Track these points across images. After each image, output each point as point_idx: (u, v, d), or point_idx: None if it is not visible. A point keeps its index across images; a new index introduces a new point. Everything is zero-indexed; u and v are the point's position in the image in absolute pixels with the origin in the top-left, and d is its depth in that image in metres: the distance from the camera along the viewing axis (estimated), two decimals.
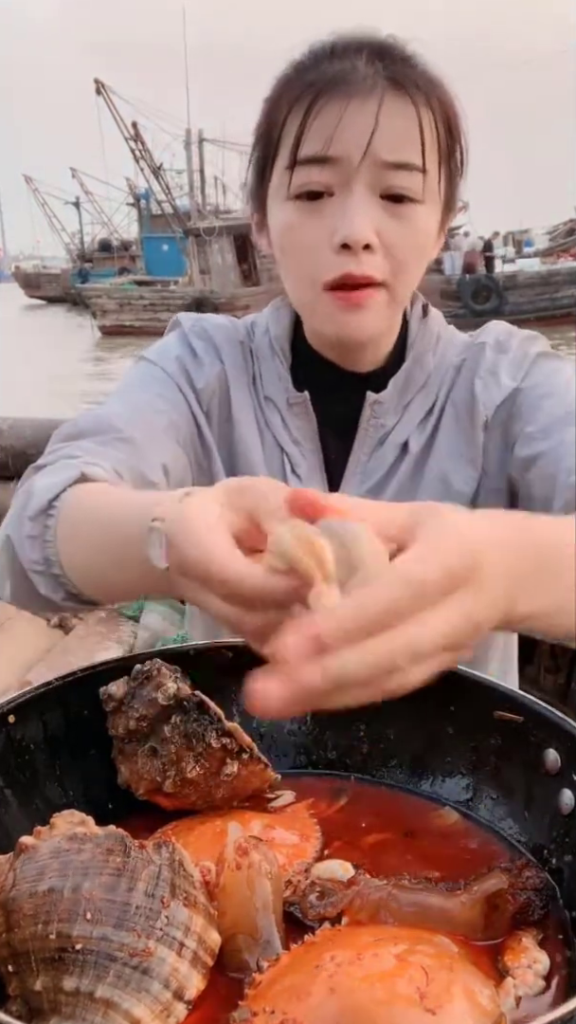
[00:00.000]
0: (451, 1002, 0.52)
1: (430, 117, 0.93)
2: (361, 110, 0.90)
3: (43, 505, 0.86)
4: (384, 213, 0.93)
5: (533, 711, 0.71)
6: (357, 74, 0.91)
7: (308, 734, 0.84)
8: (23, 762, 0.73)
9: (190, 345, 1.12)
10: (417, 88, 0.92)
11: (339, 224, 0.92)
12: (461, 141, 0.98)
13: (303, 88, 0.93)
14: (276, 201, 0.98)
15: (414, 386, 1.08)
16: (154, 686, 0.74)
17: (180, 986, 0.56)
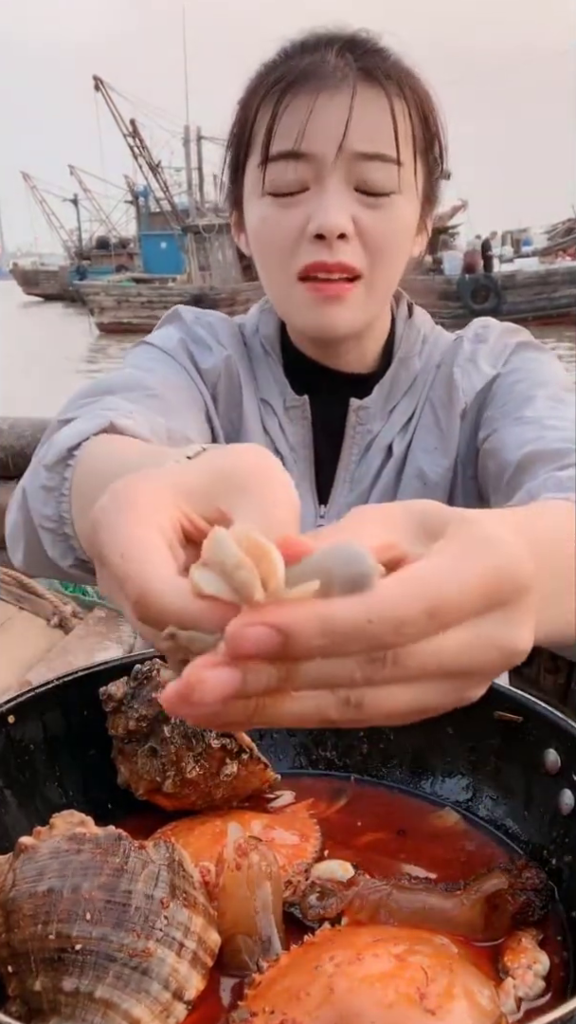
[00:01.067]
0: (451, 1003, 0.52)
1: (403, 107, 0.92)
2: (331, 102, 0.89)
3: (62, 454, 0.79)
4: (359, 204, 0.92)
5: (533, 711, 0.72)
6: (327, 67, 0.90)
7: (308, 734, 0.84)
8: (23, 762, 0.73)
9: (193, 332, 1.10)
10: (388, 78, 0.91)
11: (314, 214, 0.91)
12: (438, 133, 0.97)
13: (272, 84, 0.92)
14: (251, 199, 0.97)
15: (399, 390, 1.07)
16: (154, 686, 0.74)
17: (180, 986, 0.56)
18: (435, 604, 0.38)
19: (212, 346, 1.08)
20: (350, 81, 0.90)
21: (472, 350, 1.05)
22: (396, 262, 0.98)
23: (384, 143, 0.91)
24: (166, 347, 1.06)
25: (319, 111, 0.89)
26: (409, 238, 0.98)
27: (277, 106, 0.91)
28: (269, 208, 0.94)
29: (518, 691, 0.74)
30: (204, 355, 1.07)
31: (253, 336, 1.12)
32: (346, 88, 0.89)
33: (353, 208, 0.92)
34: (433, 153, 0.98)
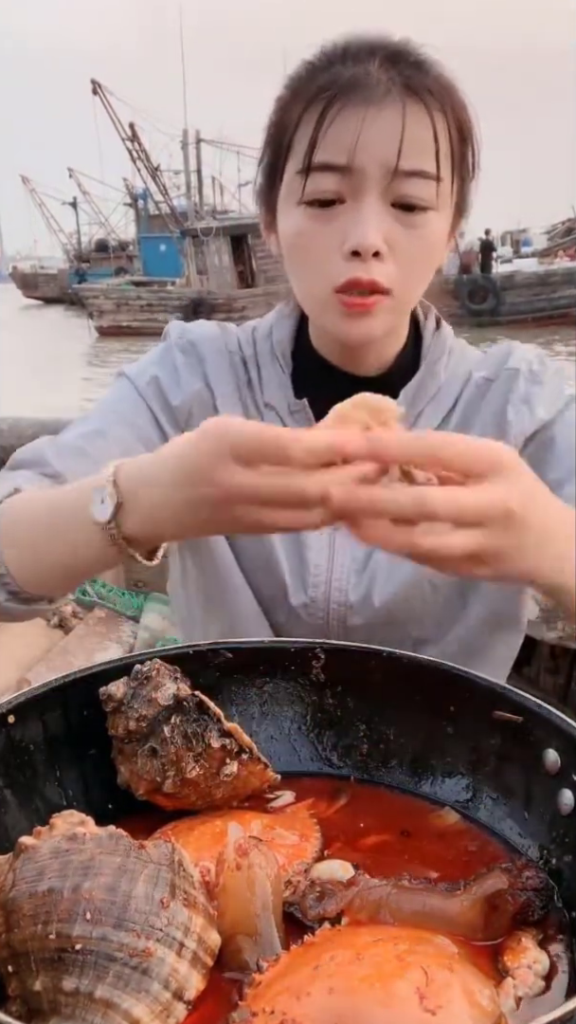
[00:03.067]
0: (451, 1002, 0.52)
1: (444, 123, 0.93)
2: (378, 119, 0.89)
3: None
4: (395, 221, 0.93)
5: (533, 711, 0.72)
6: (371, 79, 0.90)
7: (308, 734, 0.84)
8: (23, 762, 0.73)
9: (172, 361, 1.12)
10: (431, 94, 0.92)
11: (350, 231, 0.92)
12: (473, 144, 0.98)
13: (316, 91, 0.92)
14: (287, 204, 0.98)
15: (425, 396, 1.08)
16: (154, 686, 0.74)
17: (180, 986, 0.56)
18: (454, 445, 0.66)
19: (184, 379, 1.11)
20: (395, 96, 0.90)
21: (527, 391, 1.06)
22: (425, 277, 1.00)
23: (426, 160, 0.91)
24: (139, 384, 1.11)
25: (367, 128, 0.89)
26: (440, 252, 1.00)
27: (323, 116, 0.91)
28: (305, 219, 0.95)
29: (518, 691, 0.74)
30: (175, 392, 1.10)
31: (265, 339, 1.13)
32: (392, 103, 0.90)
33: (388, 224, 0.93)
34: (467, 163, 0.98)
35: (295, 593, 1.08)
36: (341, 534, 1.07)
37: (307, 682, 0.85)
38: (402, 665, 0.81)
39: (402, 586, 1.06)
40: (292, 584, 1.08)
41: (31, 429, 3.22)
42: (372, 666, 0.82)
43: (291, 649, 0.85)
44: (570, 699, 2.24)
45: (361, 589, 1.07)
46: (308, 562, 1.08)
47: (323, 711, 0.84)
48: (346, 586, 1.07)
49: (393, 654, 0.82)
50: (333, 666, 0.84)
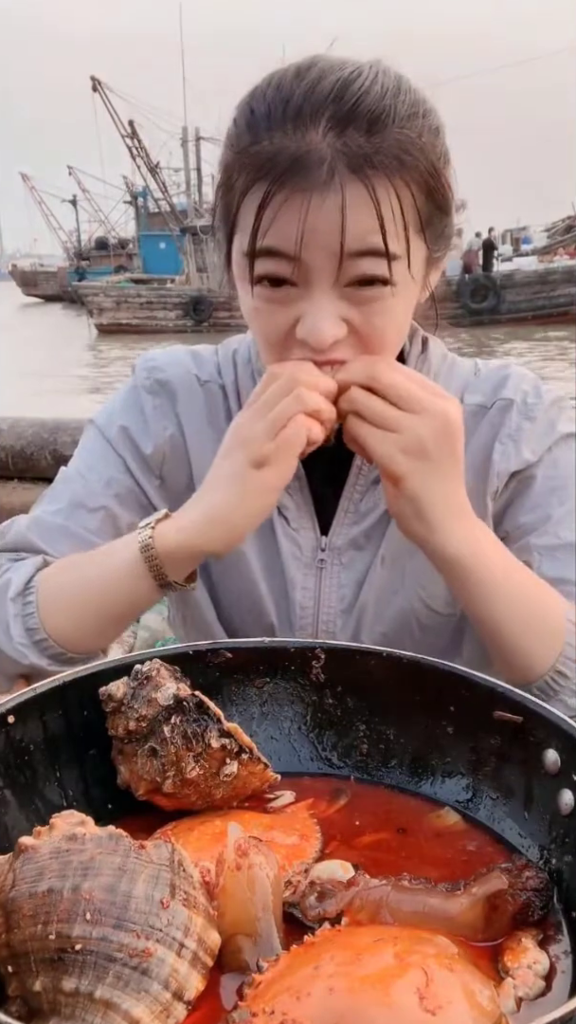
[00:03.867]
0: (451, 1003, 0.52)
1: (392, 198, 0.86)
2: (322, 207, 0.84)
3: (21, 588, 1.02)
4: (350, 303, 0.89)
5: (533, 711, 0.72)
6: (312, 158, 0.84)
7: (308, 734, 0.85)
8: (23, 762, 0.73)
9: (140, 407, 1.11)
10: (377, 169, 0.85)
11: (303, 319, 0.89)
12: (443, 190, 0.92)
13: (258, 168, 0.87)
14: (239, 279, 0.96)
15: None
16: (154, 686, 0.74)
17: (180, 986, 0.56)
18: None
19: (153, 426, 1.10)
20: (337, 181, 0.84)
21: (518, 426, 1.04)
22: (394, 345, 0.97)
23: (376, 238, 0.86)
24: (108, 436, 1.12)
25: (310, 218, 0.84)
26: (406, 321, 0.97)
27: (263, 204, 0.86)
28: (259, 300, 0.92)
29: (518, 691, 0.74)
30: (145, 440, 1.10)
31: (246, 365, 1.11)
32: (334, 190, 0.84)
33: (343, 308, 0.89)
34: (438, 212, 0.93)
35: (282, 634, 1.08)
36: (327, 575, 1.07)
37: (307, 682, 0.85)
38: (402, 665, 0.81)
39: (390, 627, 1.06)
40: (279, 626, 1.08)
41: (31, 429, 3.23)
42: (372, 666, 0.82)
43: (291, 649, 0.85)
44: None
45: (348, 630, 1.07)
46: (294, 603, 1.07)
47: (323, 711, 0.84)
48: (333, 628, 1.07)
49: (393, 654, 0.82)
50: (333, 666, 0.84)
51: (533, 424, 1.04)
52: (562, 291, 22.73)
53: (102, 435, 1.12)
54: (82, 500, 1.09)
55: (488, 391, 1.07)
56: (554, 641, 0.92)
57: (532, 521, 1.04)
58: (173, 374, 1.12)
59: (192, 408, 1.11)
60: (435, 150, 0.90)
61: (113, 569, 0.96)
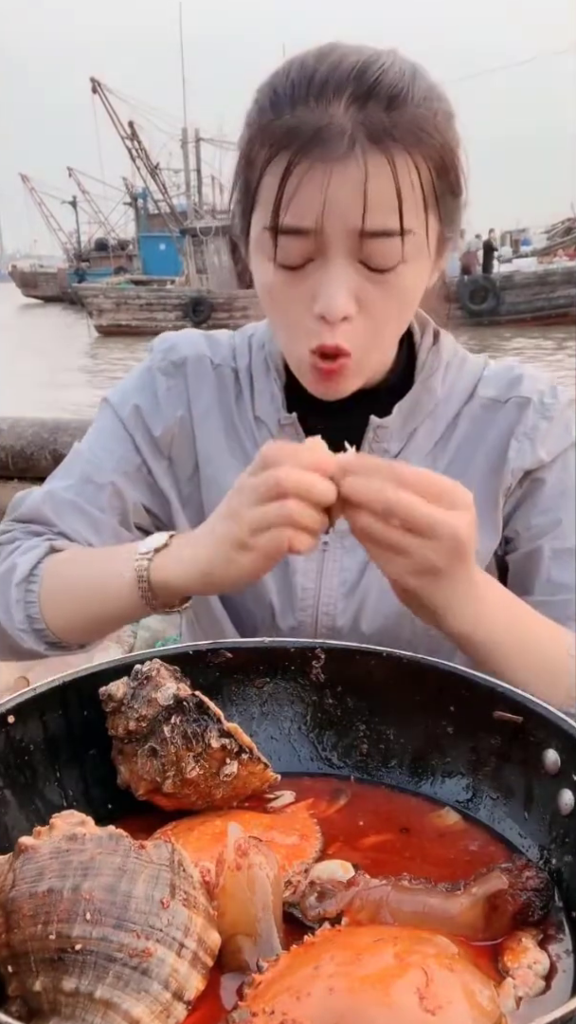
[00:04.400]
0: (451, 1003, 0.52)
1: (412, 170, 0.88)
2: (342, 181, 0.86)
3: (26, 575, 1.04)
4: (365, 279, 0.91)
5: (533, 711, 0.72)
6: (334, 129, 0.86)
7: (308, 734, 0.85)
8: (23, 762, 0.73)
9: (154, 388, 1.13)
10: (397, 141, 0.87)
11: (318, 294, 0.91)
12: (458, 177, 0.94)
13: (280, 138, 0.88)
14: (257, 255, 0.96)
15: (421, 413, 1.07)
16: (154, 686, 0.74)
17: (180, 986, 0.56)
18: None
19: (165, 408, 1.12)
20: (358, 151, 0.86)
21: (534, 425, 1.05)
22: (401, 326, 0.99)
23: (390, 217, 0.88)
24: (121, 414, 1.13)
25: (331, 191, 0.86)
26: (417, 297, 0.98)
27: (286, 174, 0.87)
28: (276, 278, 0.94)
29: (518, 691, 0.74)
30: (156, 421, 1.12)
31: (260, 350, 1.12)
32: (355, 161, 0.86)
33: (357, 283, 0.91)
34: (451, 193, 0.94)
35: (283, 616, 1.08)
36: (330, 558, 1.07)
37: (307, 682, 0.85)
38: (402, 665, 0.81)
39: (393, 613, 1.05)
40: (280, 607, 1.08)
41: (31, 429, 3.23)
42: (372, 666, 0.82)
43: (291, 649, 0.85)
44: None
45: (349, 615, 1.07)
46: (296, 585, 1.08)
47: (323, 711, 0.84)
48: (334, 611, 1.07)
49: (393, 654, 0.82)
50: (333, 666, 0.84)
51: (550, 424, 1.05)
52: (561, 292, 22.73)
53: (115, 413, 1.14)
54: (91, 476, 1.11)
55: (502, 387, 1.08)
56: (562, 682, 0.92)
57: (543, 524, 1.04)
58: (187, 355, 1.14)
59: (202, 390, 1.12)
60: (449, 132, 0.92)
61: (112, 576, 0.96)
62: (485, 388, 1.08)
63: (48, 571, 1.04)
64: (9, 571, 1.06)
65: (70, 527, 1.10)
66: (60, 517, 1.10)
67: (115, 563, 0.97)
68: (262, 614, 1.09)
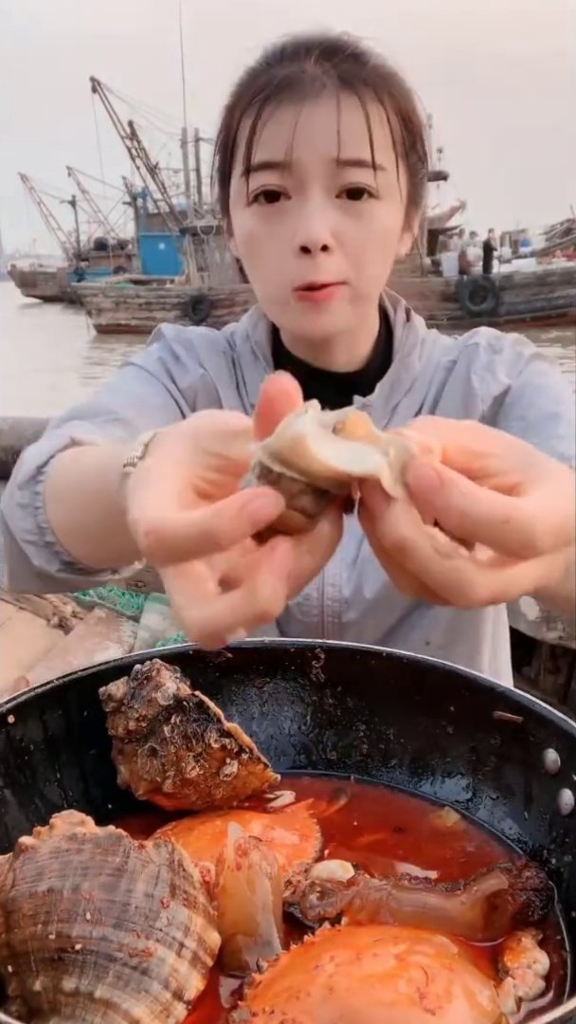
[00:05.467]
0: (451, 1003, 0.52)
1: (380, 112, 0.94)
2: (312, 113, 0.91)
3: (31, 472, 0.88)
4: (342, 213, 0.94)
5: (533, 711, 0.71)
6: (306, 76, 0.92)
7: (308, 734, 0.85)
8: (23, 762, 0.73)
9: (172, 351, 1.14)
10: (365, 84, 0.93)
11: (298, 227, 0.93)
12: (421, 133, 0.99)
13: (254, 94, 0.94)
14: (237, 208, 1.00)
15: (401, 389, 1.09)
16: (154, 686, 0.74)
17: (179, 986, 0.56)
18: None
19: (188, 365, 1.12)
20: (330, 90, 0.92)
21: (488, 359, 1.08)
22: (380, 267, 1.01)
23: (364, 149, 0.93)
24: (148, 367, 1.11)
25: (301, 122, 0.91)
26: (392, 242, 1.01)
27: (258, 117, 0.93)
28: (254, 220, 0.97)
29: (518, 691, 0.74)
30: (181, 374, 1.11)
31: (244, 342, 1.14)
32: (327, 97, 0.91)
33: (335, 217, 0.94)
34: (416, 153, 0.99)
35: None
36: None
37: (307, 682, 0.85)
38: (402, 665, 0.81)
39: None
40: None
41: (31, 429, 3.23)
42: (372, 666, 0.82)
43: (291, 649, 0.85)
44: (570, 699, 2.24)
45: (353, 582, 1.07)
46: None
47: (323, 711, 0.84)
48: (339, 581, 1.07)
49: (393, 654, 0.82)
50: (333, 666, 0.84)
51: (501, 356, 1.08)
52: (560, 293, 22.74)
53: (142, 368, 1.11)
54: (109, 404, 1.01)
55: (459, 347, 1.12)
56: None
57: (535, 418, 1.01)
58: (197, 336, 1.16)
59: (216, 365, 1.13)
60: (413, 96, 0.98)
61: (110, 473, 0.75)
62: (447, 355, 1.11)
63: (58, 467, 0.87)
64: (20, 463, 0.91)
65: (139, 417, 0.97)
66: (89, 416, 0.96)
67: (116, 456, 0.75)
68: None
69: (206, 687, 0.78)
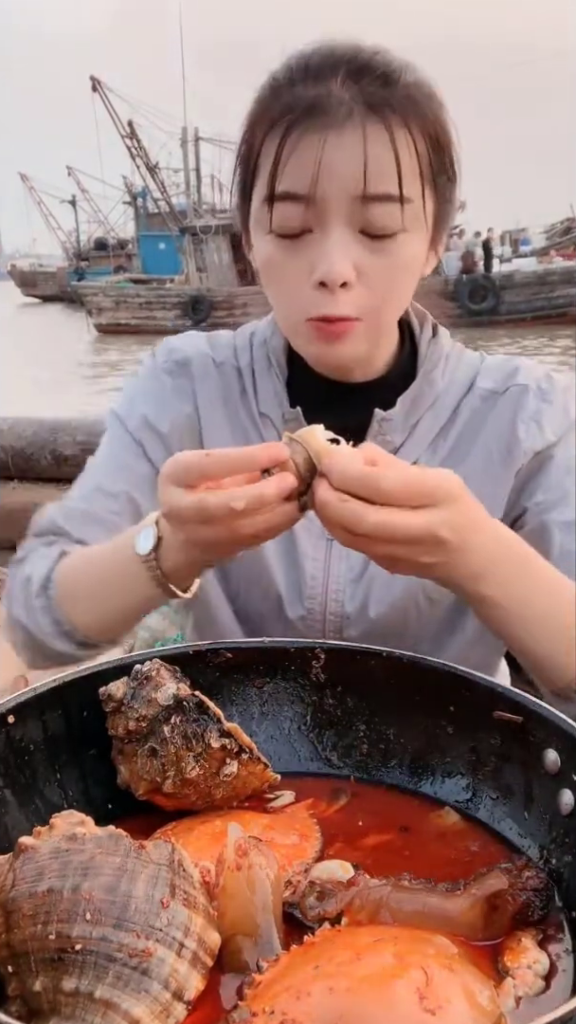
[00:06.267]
0: (451, 1003, 0.52)
1: (409, 141, 0.90)
2: (338, 145, 0.88)
3: (43, 582, 1.04)
4: (364, 248, 0.92)
5: (533, 711, 0.72)
6: (332, 100, 0.88)
7: (308, 734, 0.85)
8: (23, 762, 0.73)
9: (160, 389, 1.13)
10: (394, 112, 0.89)
11: (317, 262, 0.91)
12: (451, 157, 0.96)
13: (278, 114, 0.90)
14: (257, 230, 0.98)
15: (423, 405, 1.08)
16: (154, 686, 0.74)
17: (179, 986, 0.56)
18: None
19: (171, 407, 1.13)
20: (356, 120, 0.88)
21: (537, 408, 1.07)
22: (401, 299, 1.00)
23: (390, 182, 0.89)
24: (129, 426, 1.14)
25: (327, 155, 0.88)
26: (417, 269, 0.99)
27: (282, 144, 0.89)
28: (274, 248, 0.95)
29: (518, 691, 0.74)
30: (162, 420, 1.12)
31: (261, 347, 1.13)
32: (352, 126, 0.88)
33: (357, 252, 0.92)
34: (445, 173, 0.96)
35: (291, 606, 1.08)
36: (336, 546, 1.08)
37: (307, 682, 0.85)
38: (402, 665, 0.81)
39: (399, 598, 1.06)
40: (288, 597, 1.08)
41: (31, 429, 3.22)
42: (372, 666, 0.82)
43: (291, 649, 0.85)
44: None
45: (357, 600, 1.07)
46: (305, 573, 1.08)
47: (323, 711, 0.84)
48: (342, 597, 1.07)
49: (393, 654, 0.82)
50: (333, 666, 0.84)
51: (551, 407, 1.07)
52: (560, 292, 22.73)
53: (122, 425, 1.14)
54: (104, 486, 1.11)
55: (500, 378, 1.10)
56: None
57: (552, 499, 1.05)
58: (190, 354, 1.15)
59: (207, 388, 1.13)
60: (443, 115, 0.94)
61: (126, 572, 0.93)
62: (484, 380, 1.10)
63: (62, 575, 1.04)
64: (26, 583, 1.06)
65: (85, 534, 1.09)
66: (74, 526, 1.10)
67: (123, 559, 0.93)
68: (269, 606, 1.09)
69: (206, 687, 0.78)
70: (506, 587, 0.86)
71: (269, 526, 0.77)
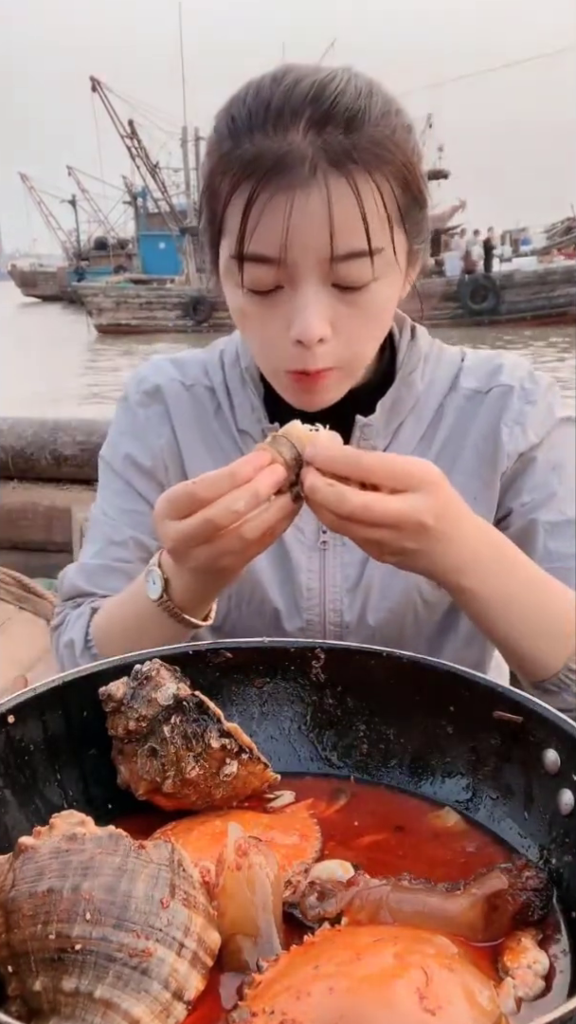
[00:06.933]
0: (451, 1003, 0.52)
1: (374, 191, 0.88)
2: (304, 207, 0.86)
3: (84, 643, 1.09)
4: (337, 300, 0.92)
5: (533, 711, 0.71)
6: (295, 156, 0.86)
7: (308, 734, 0.85)
8: (23, 762, 0.73)
9: (136, 423, 1.15)
10: (357, 164, 0.87)
11: (292, 319, 0.91)
12: (418, 184, 0.94)
13: (240, 169, 0.88)
14: (227, 281, 0.97)
15: (403, 409, 1.08)
16: (153, 686, 0.74)
17: (179, 986, 0.56)
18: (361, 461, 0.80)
19: (150, 436, 1.14)
20: (319, 178, 0.86)
21: (521, 411, 1.07)
22: (378, 338, 1.00)
23: (357, 239, 0.88)
24: (116, 468, 1.17)
25: (294, 219, 0.86)
26: (391, 309, 0.99)
27: (248, 207, 0.88)
28: (247, 302, 0.95)
29: (518, 691, 0.74)
30: (144, 454, 1.14)
31: (233, 365, 1.13)
32: (317, 188, 0.86)
33: (330, 307, 0.91)
34: (417, 206, 0.95)
35: (289, 619, 1.09)
36: (331, 556, 1.08)
37: (307, 682, 0.85)
38: (402, 665, 0.81)
39: (397, 603, 1.07)
40: (286, 611, 1.09)
41: (31, 429, 3.22)
42: (372, 666, 0.82)
43: (291, 649, 0.85)
44: None
45: (355, 608, 1.07)
46: (301, 586, 1.09)
47: (323, 711, 0.84)
48: (340, 606, 1.08)
49: (393, 654, 0.82)
50: (333, 666, 0.84)
51: (534, 408, 1.08)
52: (561, 292, 22.74)
53: (110, 468, 1.17)
54: (111, 536, 1.15)
55: (483, 377, 1.10)
56: (565, 642, 0.92)
57: (537, 499, 1.07)
58: (159, 381, 1.15)
59: (181, 412, 1.14)
60: (408, 145, 0.93)
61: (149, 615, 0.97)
62: (467, 379, 1.10)
63: (97, 631, 1.08)
64: (69, 647, 1.10)
65: (108, 588, 1.13)
66: (96, 584, 1.14)
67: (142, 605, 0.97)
68: (263, 623, 1.09)
69: (206, 687, 0.78)
70: (488, 581, 0.89)
71: (270, 524, 0.81)
